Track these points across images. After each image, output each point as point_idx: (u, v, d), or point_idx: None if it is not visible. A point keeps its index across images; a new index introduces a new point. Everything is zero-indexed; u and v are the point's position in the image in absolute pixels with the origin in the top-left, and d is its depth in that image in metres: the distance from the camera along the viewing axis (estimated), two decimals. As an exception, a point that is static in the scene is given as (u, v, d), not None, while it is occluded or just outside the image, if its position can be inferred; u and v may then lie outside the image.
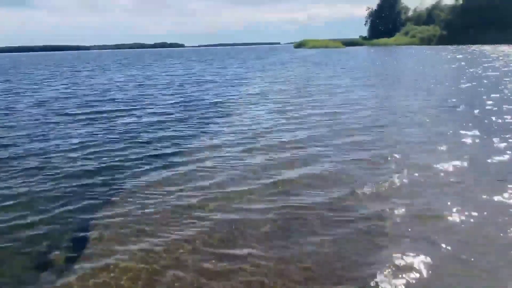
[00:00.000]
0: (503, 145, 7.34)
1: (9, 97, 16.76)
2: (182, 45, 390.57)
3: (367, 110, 11.53)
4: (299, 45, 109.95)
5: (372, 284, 3.37)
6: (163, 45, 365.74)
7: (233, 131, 9.22)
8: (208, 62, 46.43)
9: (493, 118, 9.70)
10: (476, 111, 10.83)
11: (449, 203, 4.87)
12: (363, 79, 20.72)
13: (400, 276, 3.46)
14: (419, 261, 3.66)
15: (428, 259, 3.67)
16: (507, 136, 7.93)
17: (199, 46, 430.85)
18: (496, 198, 4.98)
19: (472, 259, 3.69)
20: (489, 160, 6.46)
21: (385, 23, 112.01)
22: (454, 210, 4.67)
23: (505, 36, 73.38)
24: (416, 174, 5.87)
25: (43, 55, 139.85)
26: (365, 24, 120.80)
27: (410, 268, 3.58)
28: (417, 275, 3.48)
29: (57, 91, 18.36)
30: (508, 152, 6.87)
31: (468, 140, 7.76)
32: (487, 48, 57.55)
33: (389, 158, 6.71)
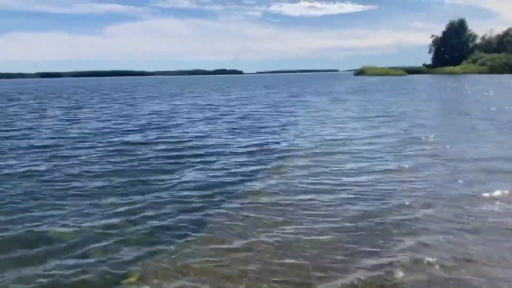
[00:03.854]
0: None
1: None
2: (240, 72, 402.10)
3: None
4: (360, 72, 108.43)
5: None
6: (222, 71, 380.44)
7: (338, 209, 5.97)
8: (275, 91, 45.33)
9: None
10: None
11: None
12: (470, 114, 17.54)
13: None
14: None
15: None
16: None
17: (257, 73, 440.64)
18: None
19: None
20: None
21: (451, 51, 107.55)
22: None
23: None
24: None
25: (115, 80, 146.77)
26: (429, 52, 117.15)
27: None
28: None
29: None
30: None
31: None
32: None
33: None
